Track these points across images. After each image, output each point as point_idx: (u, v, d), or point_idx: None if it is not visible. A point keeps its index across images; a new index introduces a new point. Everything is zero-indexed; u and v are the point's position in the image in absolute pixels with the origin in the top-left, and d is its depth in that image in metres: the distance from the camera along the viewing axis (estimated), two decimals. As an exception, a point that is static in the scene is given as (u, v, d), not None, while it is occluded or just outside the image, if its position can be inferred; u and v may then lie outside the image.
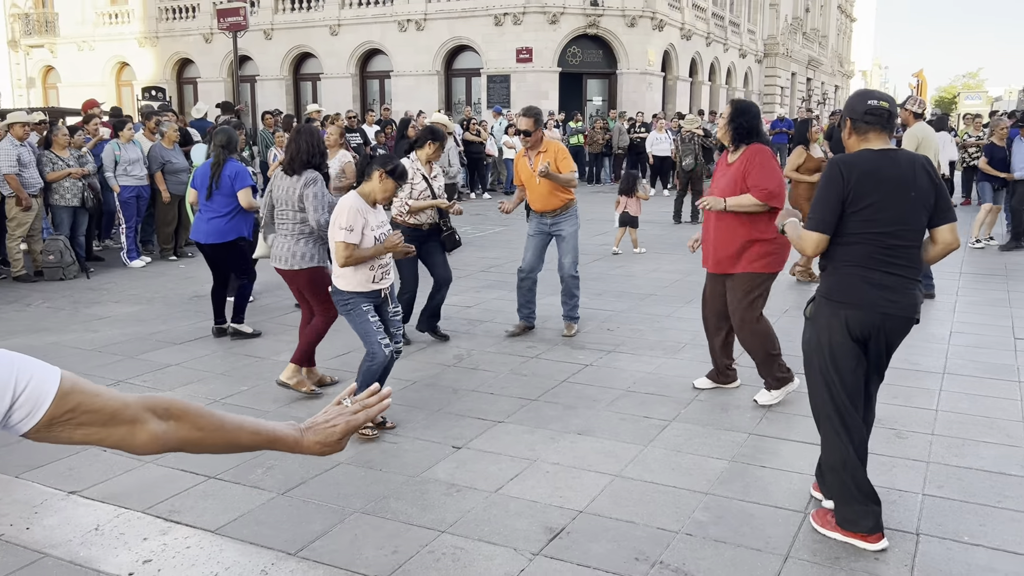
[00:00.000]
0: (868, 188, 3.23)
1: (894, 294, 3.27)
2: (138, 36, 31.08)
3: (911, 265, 3.30)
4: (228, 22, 15.75)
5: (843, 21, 62.06)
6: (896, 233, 3.25)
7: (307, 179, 5.34)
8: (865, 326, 3.29)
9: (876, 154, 3.29)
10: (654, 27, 26.10)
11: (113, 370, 5.97)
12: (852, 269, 3.30)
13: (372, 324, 4.61)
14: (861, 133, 3.35)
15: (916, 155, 3.37)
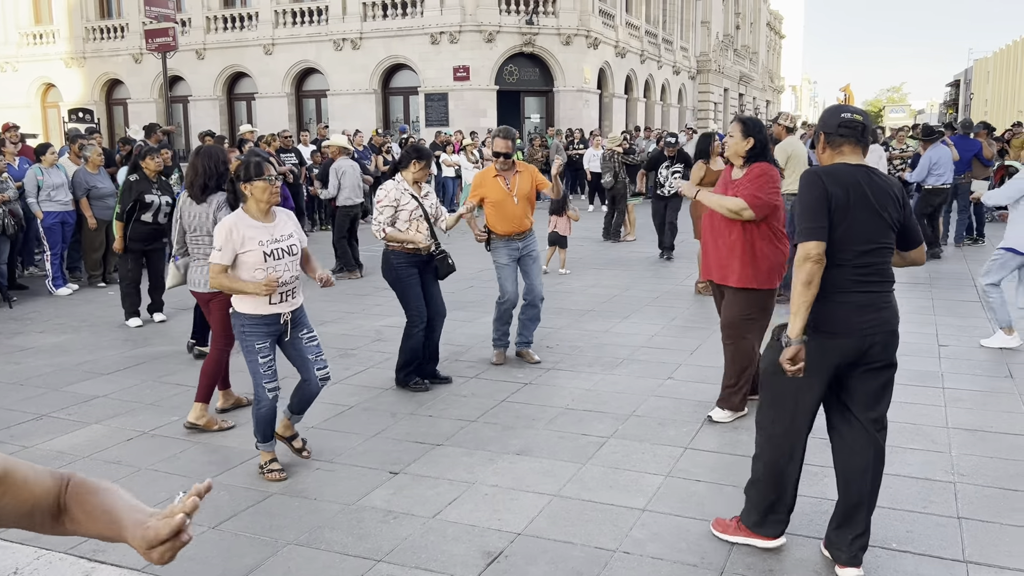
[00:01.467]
0: (842, 203, 3.14)
1: (876, 312, 3.21)
2: (64, 57, 30.30)
3: (886, 280, 3.26)
4: (157, 43, 15.44)
5: (772, 38, 63.82)
6: (869, 251, 3.18)
7: (218, 203, 5.22)
8: (855, 352, 3.21)
9: (854, 168, 3.22)
10: (589, 45, 26.44)
11: (36, 404, 5.75)
12: (835, 296, 3.18)
13: (261, 365, 4.31)
14: (835, 147, 3.28)
15: (889, 177, 3.34)
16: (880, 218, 3.18)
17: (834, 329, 3.19)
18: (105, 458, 4.74)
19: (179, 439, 5.04)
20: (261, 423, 4.41)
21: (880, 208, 3.17)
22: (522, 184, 6.35)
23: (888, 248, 3.25)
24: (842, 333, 3.19)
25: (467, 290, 9.69)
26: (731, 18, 46.99)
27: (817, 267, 3.12)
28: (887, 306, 3.25)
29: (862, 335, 3.18)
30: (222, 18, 27.83)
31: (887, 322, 3.23)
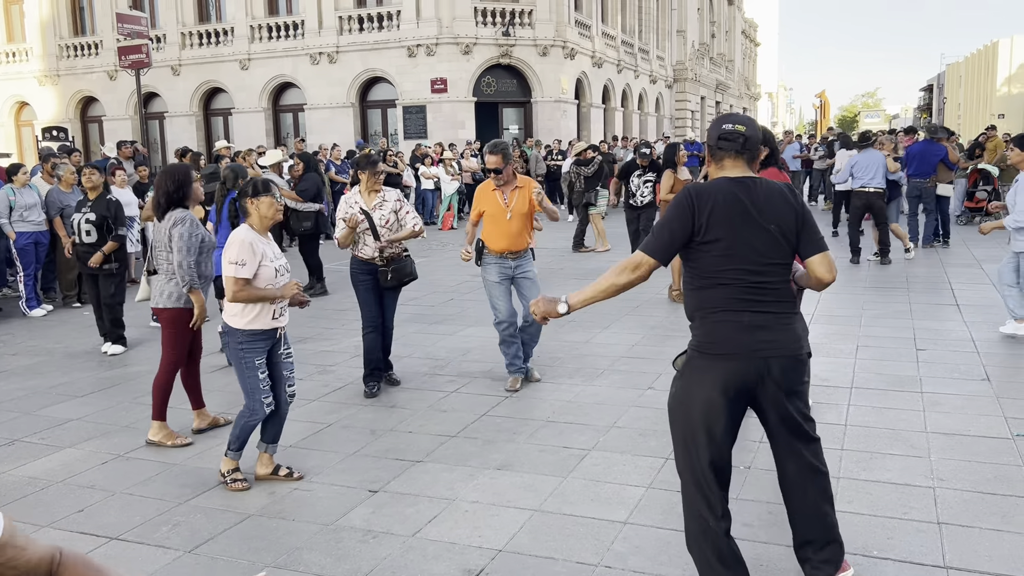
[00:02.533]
0: (720, 220, 2.95)
1: (771, 333, 2.98)
2: (38, 75, 30.03)
3: (783, 300, 3.03)
4: (130, 60, 15.33)
5: (748, 46, 64.37)
6: (758, 270, 2.97)
7: (175, 219, 5.21)
8: (747, 377, 2.97)
9: (730, 183, 3.02)
10: (566, 56, 26.53)
11: (9, 428, 5.66)
12: (721, 315, 2.98)
13: (260, 380, 4.41)
14: (717, 160, 3.09)
15: (775, 183, 3.10)
16: (766, 232, 2.97)
17: (720, 349, 2.98)
18: (79, 482, 4.67)
19: (154, 461, 4.97)
20: (245, 433, 4.48)
21: (764, 221, 2.97)
22: (520, 200, 6.12)
23: (782, 265, 3.02)
24: (729, 354, 2.96)
25: (447, 303, 9.66)
26: (706, 27, 47.36)
27: (635, 278, 3.04)
28: (785, 328, 3.01)
29: (754, 356, 2.95)
30: (197, 34, 27.71)
31: (785, 346, 2.99)
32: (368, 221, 5.99)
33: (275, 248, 4.58)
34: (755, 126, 3.16)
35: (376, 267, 6.11)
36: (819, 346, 7.11)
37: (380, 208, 6.07)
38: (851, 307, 8.70)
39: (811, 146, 21.31)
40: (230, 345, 4.51)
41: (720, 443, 3.02)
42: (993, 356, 6.67)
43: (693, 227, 2.96)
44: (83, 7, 30.00)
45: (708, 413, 2.98)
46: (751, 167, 3.12)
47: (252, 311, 4.40)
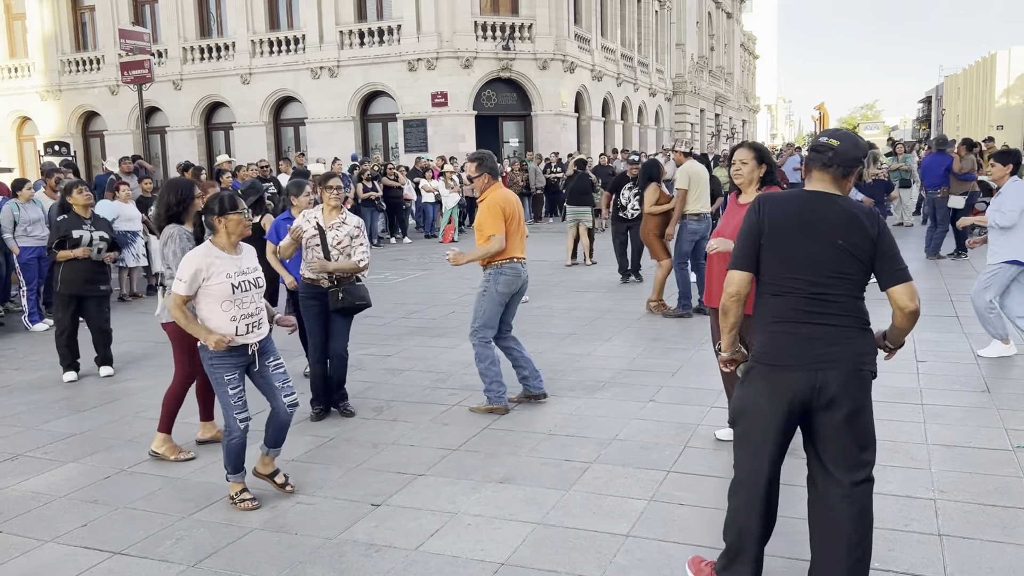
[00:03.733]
0: (784, 228, 2.99)
1: (829, 346, 2.93)
2: (40, 90, 30.19)
3: (848, 314, 2.97)
4: (132, 75, 15.43)
5: (747, 59, 64.65)
6: (820, 282, 2.95)
7: (166, 236, 5.25)
8: (800, 389, 2.95)
9: (804, 194, 3.06)
10: (565, 69, 26.67)
11: (12, 443, 5.67)
12: (779, 325, 3.00)
13: (231, 396, 4.35)
14: (808, 171, 3.11)
15: (858, 205, 3.06)
16: (832, 246, 2.95)
17: (777, 360, 3.00)
18: (82, 497, 4.68)
19: (157, 476, 4.98)
20: (231, 453, 4.43)
21: (832, 235, 2.95)
22: (478, 215, 5.98)
23: (849, 280, 2.97)
24: (787, 364, 2.97)
25: (448, 316, 9.68)
26: (705, 40, 47.59)
27: (734, 301, 3.10)
28: (846, 342, 2.96)
29: (810, 368, 2.93)
30: (199, 48, 27.86)
31: (844, 360, 2.94)
32: (321, 237, 5.76)
33: (247, 263, 4.46)
34: (853, 141, 3.08)
35: (323, 290, 5.83)
36: (820, 358, 7.13)
37: (337, 229, 5.79)
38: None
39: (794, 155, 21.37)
40: (203, 361, 4.43)
41: (768, 450, 3.05)
42: (993, 368, 6.68)
43: (759, 231, 3.03)
44: (85, 23, 30.19)
45: (759, 421, 3.04)
46: (841, 184, 3.07)
47: (216, 326, 4.32)
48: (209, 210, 4.42)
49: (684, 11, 42.03)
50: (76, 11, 30.07)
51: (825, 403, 2.95)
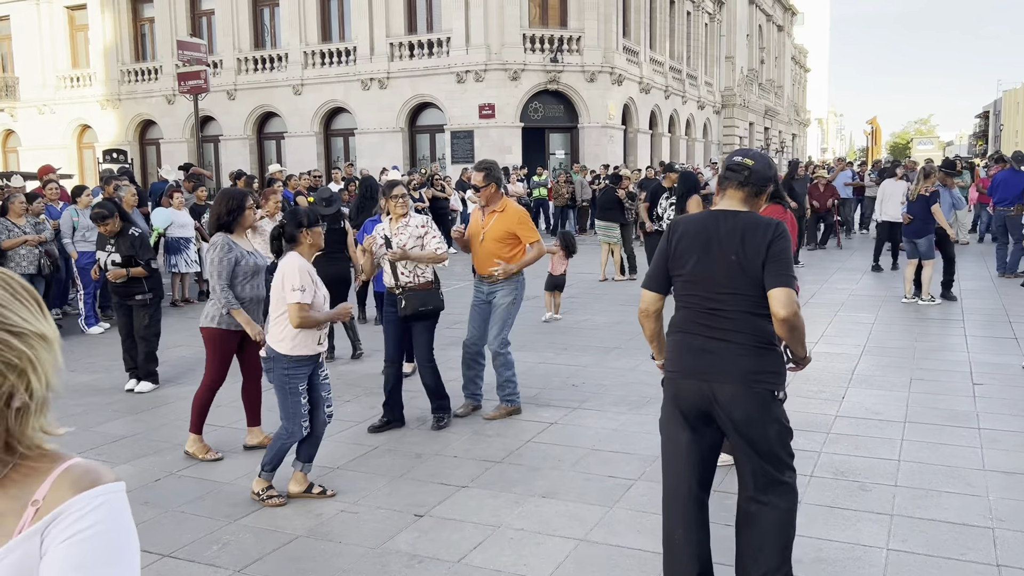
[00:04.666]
0: (686, 248, 3.12)
1: (718, 360, 3.04)
2: (100, 99, 31.03)
3: (742, 331, 3.04)
4: (189, 85, 15.80)
5: (797, 72, 63.90)
6: (715, 297, 3.06)
7: (212, 243, 5.44)
8: (694, 398, 3.10)
9: (708, 214, 3.19)
10: (613, 82, 26.62)
11: (66, 444, 5.75)
12: (677, 336, 3.19)
13: (302, 405, 4.59)
14: (722, 189, 3.21)
15: (756, 217, 3.13)
16: (726, 262, 3.04)
17: (672, 367, 3.20)
18: (133, 499, 4.72)
19: (204, 480, 5.05)
20: (280, 453, 4.63)
21: (727, 251, 3.04)
22: (496, 225, 6.00)
23: (743, 296, 3.04)
24: (679, 372, 3.16)
25: (493, 328, 9.67)
26: (755, 53, 47.15)
27: (642, 316, 3.32)
28: (736, 358, 3.03)
29: (701, 379, 3.07)
30: (253, 59, 28.40)
31: (731, 375, 3.02)
32: (387, 247, 5.83)
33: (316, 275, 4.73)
34: (766, 163, 3.19)
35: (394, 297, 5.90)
36: (871, 378, 6.99)
37: (400, 233, 5.86)
38: (904, 338, 8.53)
39: (863, 173, 21.02)
40: (275, 370, 4.60)
41: (679, 458, 3.20)
42: (1054, 392, 6.47)
43: (667, 253, 3.19)
44: (144, 34, 30.98)
45: (664, 430, 3.27)
46: (753, 202, 3.16)
47: (298, 337, 4.53)
48: (296, 223, 4.60)
49: (734, 24, 41.72)
50: (136, 23, 30.88)
51: (722, 416, 3.08)
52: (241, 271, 5.38)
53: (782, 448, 3.12)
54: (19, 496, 1.14)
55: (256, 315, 5.52)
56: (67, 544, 1.11)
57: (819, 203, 17.26)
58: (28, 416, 1.15)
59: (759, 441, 3.08)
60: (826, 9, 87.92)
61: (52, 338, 1.19)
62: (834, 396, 6.49)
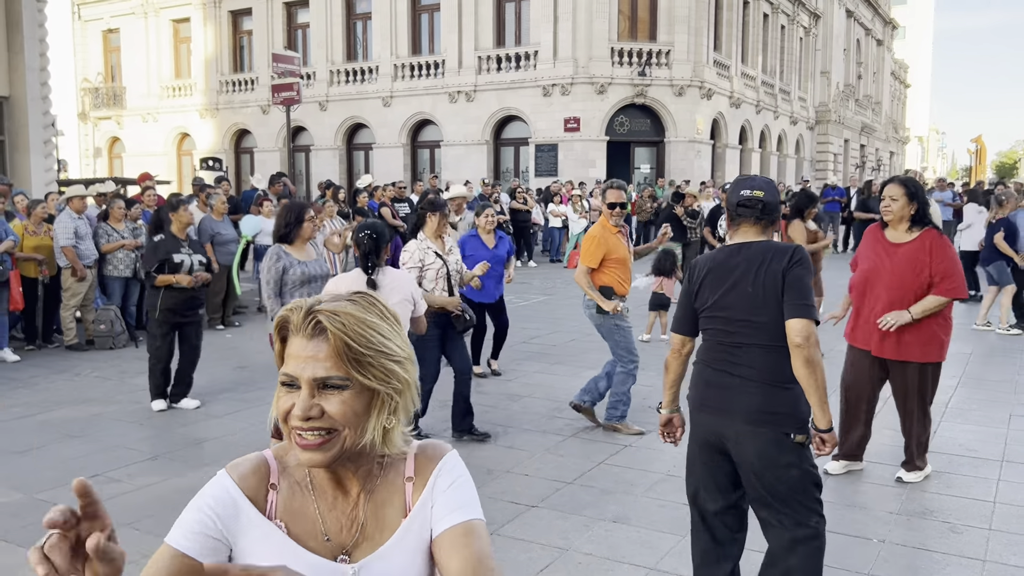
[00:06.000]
0: (708, 284, 3.10)
1: (732, 395, 2.99)
2: (199, 108, 32.31)
3: (754, 366, 2.97)
4: (282, 97, 16.29)
5: (897, 87, 61.80)
6: (735, 332, 3.01)
7: (266, 253, 5.58)
8: (710, 430, 3.10)
9: (727, 248, 3.13)
10: (702, 96, 26.25)
11: (152, 444, 6.00)
12: (698, 366, 3.21)
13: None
14: (735, 225, 3.14)
15: (773, 245, 3.05)
16: (743, 293, 2.99)
17: (692, 397, 3.21)
18: (210, 502, 4.86)
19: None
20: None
21: (742, 281, 3.00)
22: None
23: (759, 327, 2.95)
24: (695, 405, 3.18)
25: (569, 343, 9.61)
26: (852, 67, 45.82)
27: (672, 357, 3.29)
28: (744, 395, 2.96)
29: (711, 413, 3.09)
30: (344, 72, 29.11)
31: (738, 412, 2.97)
32: (445, 267, 5.87)
33: None
34: (773, 189, 3.14)
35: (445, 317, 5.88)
36: (967, 412, 6.65)
37: (453, 252, 6.00)
38: (1004, 371, 8.09)
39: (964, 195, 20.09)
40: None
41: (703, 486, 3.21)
42: None
43: (692, 295, 3.16)
44: (243, 46, 32.14)
45: (689, 458, 3.30)
46: (768, 231, 3.13)
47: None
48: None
49: (831, 38, 40.64)
50: (236, 35, 32.08)
51: (735, 454, 3.05)
52: (290, 279, 5.50)
53: (803, 494, 2.98)
54: (394, 480, 1.41)
55: None
56: (449, 491, 1.41)
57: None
58: (399, 427, 1.36)
59: (773, 484, 2.98)
60: (929, 23, 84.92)
61: (414, 358, 1.37)
62: (925, 429, 6.17)
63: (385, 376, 1.30)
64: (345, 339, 1.26)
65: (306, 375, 1.27)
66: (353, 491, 1.39)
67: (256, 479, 1.38)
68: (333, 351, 1.26)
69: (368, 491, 1.40)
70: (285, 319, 1.31)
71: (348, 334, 1.26)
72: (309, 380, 1.27)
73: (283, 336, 1.32)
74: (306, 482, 1.39)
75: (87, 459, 5.65)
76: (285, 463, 1.41)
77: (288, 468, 1.41)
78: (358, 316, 1.29)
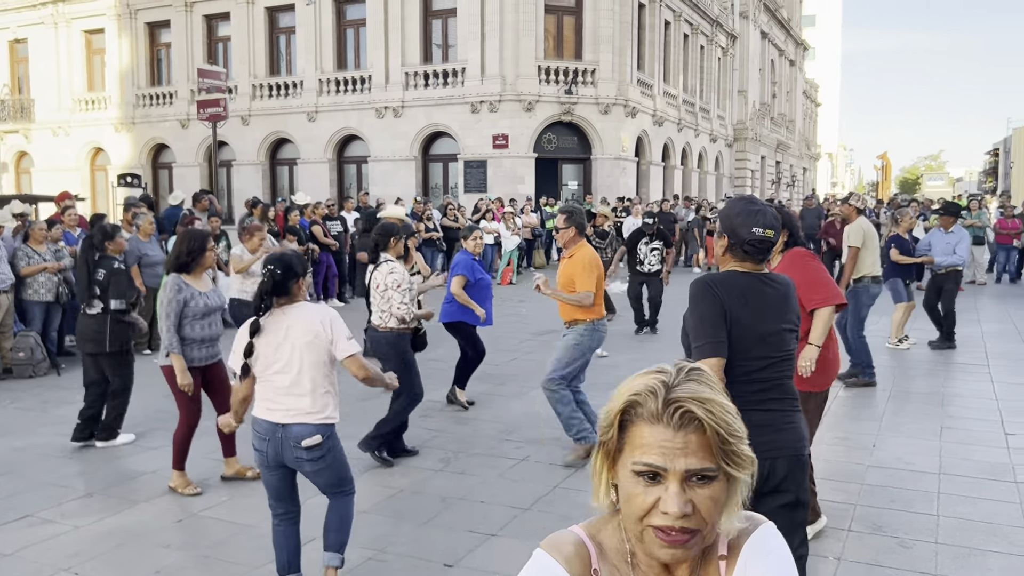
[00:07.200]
0: (745, 313, 2.90)
1: (777, 433, 2.92)
2: (114, 122, 31.23)
3: (787, 396, 2.98)
4: (208, 112, 15.88)
5: (809, 106, 64.13)
6: (771, 364, 2.93)
7: (163, 284, 5.46)
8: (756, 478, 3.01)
9: (749, 276, 3.01)
10: (627, 114, 26.70)
11: (87, 480, 5.71)
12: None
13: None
14: (738, 259, 3.04)
15: (786, 279, 3.09)
16: (779, 327, 2.95)
17: None
18: (155, 541, 4.66)
19: (228, 522, 4.95)
20: None
21: (778, 316, 2.96)
22: (564, 270, 6.16)
23: (789, 360, 2.98)
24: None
25: (511, 363, 9.59)
26: (767, 87, 47.35)
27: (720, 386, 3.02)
28: (790, 427, 2.96)
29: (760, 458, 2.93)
30: (267, 86, 28.58)
31: (789, 445, 2.93)
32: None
33: None
34: (779, 224, 3.08)
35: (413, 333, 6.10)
36: (899, 426, 6.88)
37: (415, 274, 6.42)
38: (929, 384, 8.41)
39: (879, 211, 20.96)
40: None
41: None
42: (1089, 444, 6.34)
43: (724, 312, 2.89)
44: (160, 58, 31.25)
45: None
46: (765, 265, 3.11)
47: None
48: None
49: (747, 58, 41.92)
50: (153, 47, 31.17)
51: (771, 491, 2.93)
52: (190, 312, 5.39)
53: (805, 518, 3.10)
54: (711, 558, 1.33)
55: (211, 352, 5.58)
56: (765, 561, 1.31)
57: (835, 240, 17.17)
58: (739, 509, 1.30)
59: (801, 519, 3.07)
60: (837, 44, 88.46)
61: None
62: (864, 444, 6.37)
63: (742, 461, 1.26)
64: (717, 429, 1.22)
65: (679, 468, 1.21)
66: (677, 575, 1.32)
67: (580, 564, 1.30)
68: (705, 442, 1.22)
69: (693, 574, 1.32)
70: (635, 403, 1.25)
71: (719, 424, 1.22)
72: (681, 473, 1.21)
73: (626, 419, 1.26)
74: (627, 568, 1.31)
75: (14, 499, 5.34)
76: (601, 544, 1.33)
77: (605, 551, 1.33)
78: (719, 402, 1.24)
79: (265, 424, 3.73)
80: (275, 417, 3.70)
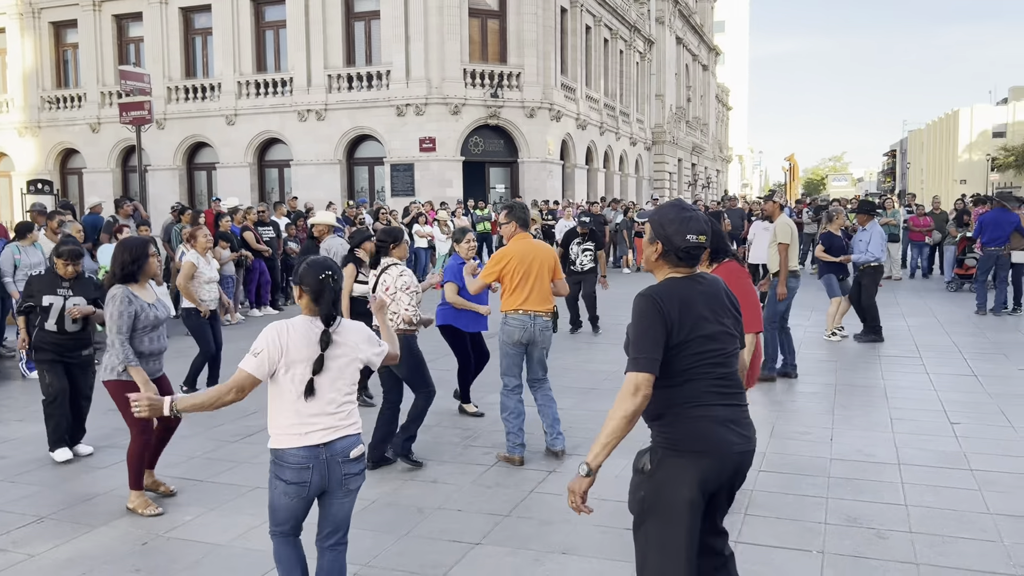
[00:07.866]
0: (689, 319, 2.93)
1: (741, 427, 2.99)
2: (18, 126, 29.75)
3: (741, 390, 3.06)
4: (132, 116, 15.23)
5: (720, 110, 65.89)
6: (723, 361, 2.99)
7: (110, 295, 5.23)
8: (722, 473, 2.94)
9: (685, 282, 3.02)
10: (552, 118, 26.89)
11: (35, 504, 5.36)
12: (696, 410, 2.91)
13: None
14: (672, 265, 3.04)
15: (718, 279, 3.14)
16: (722, 325, 3.01)
17: (702, 447, 2.89)
18: (123, 567, 4.41)
19: (199, 543, 4.72)
20: None
21: (718, 316, 3.01)
22: None
23: (735, 355, 3.05)
24: (710, 451, 2.90)
25: (461, 368, 9.47)
26: (683, 91, 48.44)
27: (645, 402, 2.85)
28: (748, 422, 3.05)
29: (731, 451, 2.93)
30: (183, 88, 27.69)
31: (750, 439, 3.02)
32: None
33: None
34: (709, 228, 3.09)
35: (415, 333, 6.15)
36: (851, 419, 7.08)
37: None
38: (869, 376, 8.70)
39: (801, 211, 21.63)
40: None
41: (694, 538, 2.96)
42: (1029, 431, 6.65)
43: (667, 328, 2.89)
44: (67, 60, 29.93)
45: (686, 513, 2.89)
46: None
47: None
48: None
49: (664, 63, 42.80)
50: (59, 48, 29.83)
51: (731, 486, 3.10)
52: (140, 324, 5.20)
53: None
54: None
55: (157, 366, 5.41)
56: None
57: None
58: None
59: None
60: (745, 49, 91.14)
61: None
62: (822, 438, 6.53)
63: None
64: None
65: None
66: None
67: None
68: None
69: None
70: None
71: None
72: None
73: None
74: None
75: (-42, 527, 4.98)
76: None
77: None
78: None
79: (302, 452, 3.33)
80: (313, 440, 3.35)
